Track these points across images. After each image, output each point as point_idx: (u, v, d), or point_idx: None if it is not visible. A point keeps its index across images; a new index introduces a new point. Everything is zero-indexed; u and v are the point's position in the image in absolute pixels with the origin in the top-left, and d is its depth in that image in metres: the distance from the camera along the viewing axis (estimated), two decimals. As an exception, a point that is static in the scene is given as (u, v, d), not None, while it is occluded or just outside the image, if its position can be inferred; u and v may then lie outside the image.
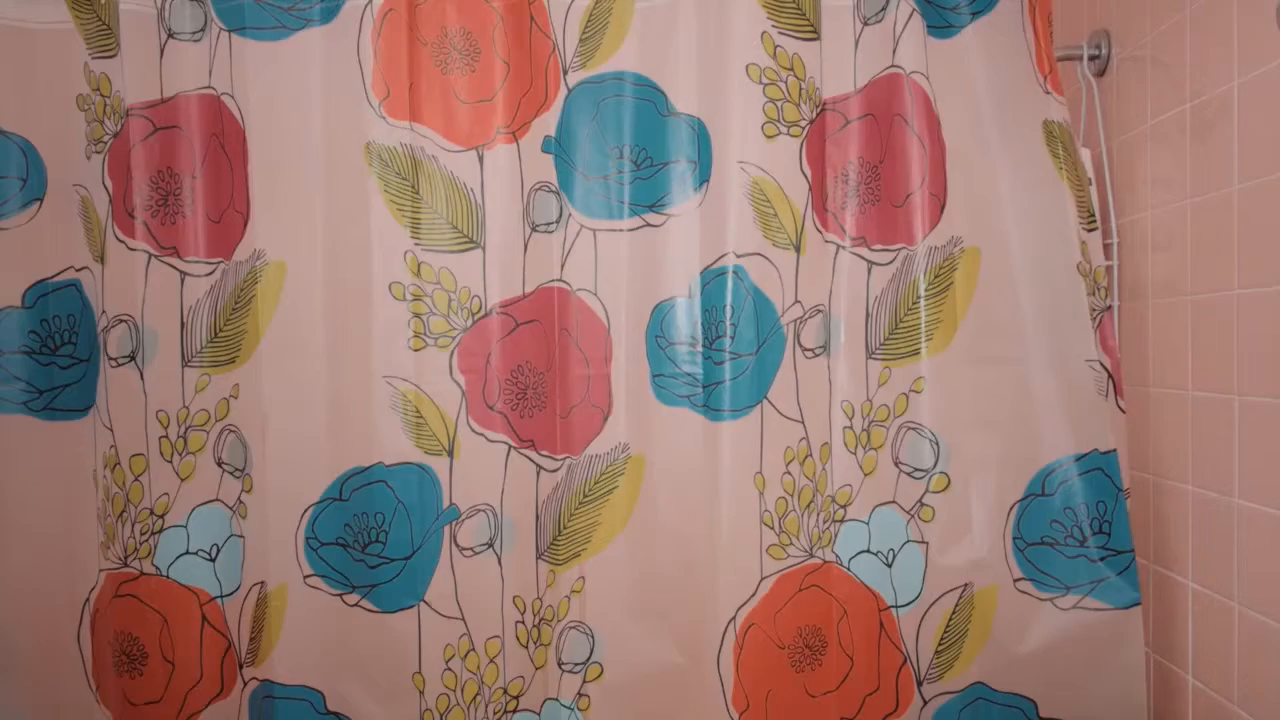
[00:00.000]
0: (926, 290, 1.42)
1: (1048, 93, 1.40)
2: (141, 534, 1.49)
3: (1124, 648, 1.38)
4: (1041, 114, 1.40)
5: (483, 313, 1.46)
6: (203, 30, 1.46)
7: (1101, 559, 1.39)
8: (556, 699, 1.49)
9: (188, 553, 1.50)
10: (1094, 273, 1.39)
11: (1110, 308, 1.42)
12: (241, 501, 1.49)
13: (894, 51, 1.42)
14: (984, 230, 1.42)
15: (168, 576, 1.49)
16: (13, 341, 1.50)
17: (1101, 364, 1.39)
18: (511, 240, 1.46)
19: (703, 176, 1.43)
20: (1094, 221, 1.41)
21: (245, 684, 1.50)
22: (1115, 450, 1.39)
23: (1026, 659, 1.42)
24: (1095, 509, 1.39)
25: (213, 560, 1.50)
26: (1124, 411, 1.41)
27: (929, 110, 1.41)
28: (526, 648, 1.49)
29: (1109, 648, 1.39)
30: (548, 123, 1.46)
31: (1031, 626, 1.42)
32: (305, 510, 1.45)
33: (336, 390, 1.45)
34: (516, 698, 1.48)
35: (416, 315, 1.44)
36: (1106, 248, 1.47)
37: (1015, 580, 1.43)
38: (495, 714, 1.48)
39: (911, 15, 1.41)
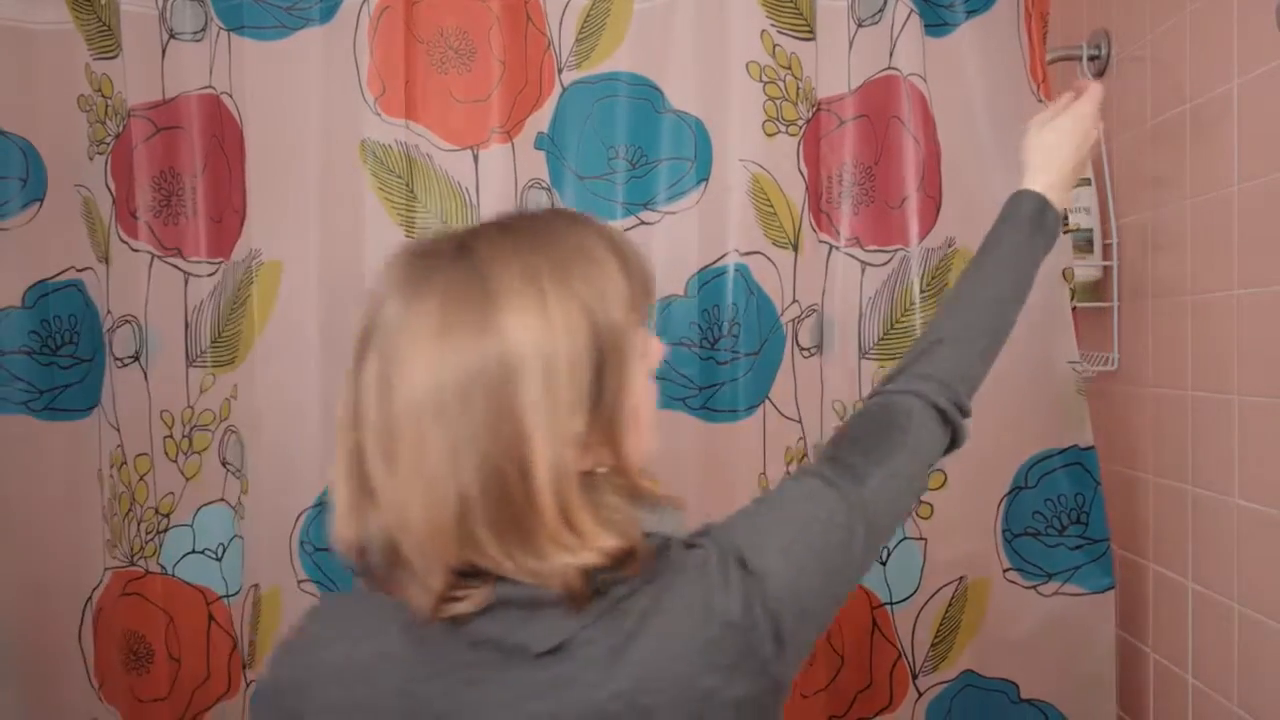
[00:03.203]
0: (923, 291, 1.42)
1: (1040, 100, 1.38)
2: (147, 533, 1.49)
3: (1097, 630, 1.42)
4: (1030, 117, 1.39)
5: (478, 313, 1.45)
6: (203, 30, 1.47)
7: (1078, 547, 1.43)
8: None
9: (194, 552, 1.51)
10: (1067, 274, 1.42)
11: (1075, 309, 1.44)
12: (241, 503, 1.49)
13: (891, 53, 1.41)
14: (977, 232, 1.41)
15: (174, 575, 1.50)
16: (13, 341, 1.50)
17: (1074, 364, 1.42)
18: None
19: (701, 174, 1.42)
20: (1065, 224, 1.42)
21: (248, 684, 1.51)
22: (1094, 446, 1.42)
23: (1012, 645, 1.45)
24: (1074, 500, 1.43)
25: (219, 560, 1.51)
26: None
27: (925, 111, 1.41)
28: None
29: (1084, 630, 1.43)
30: (541, 121, 1.45)
31: (1018, 614, 1.45)
32: (300, 514, 1.45)
33: (331, 392, 1.45)
34: None
35: (411, 315, 1.44)
36: (1106, 248, 1.46)
37: (1004, 571, 1.45)
38: None
39: (909, 16, 1.40)
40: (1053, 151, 1.07)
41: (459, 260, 0.68)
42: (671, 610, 0.68)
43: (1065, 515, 1.43)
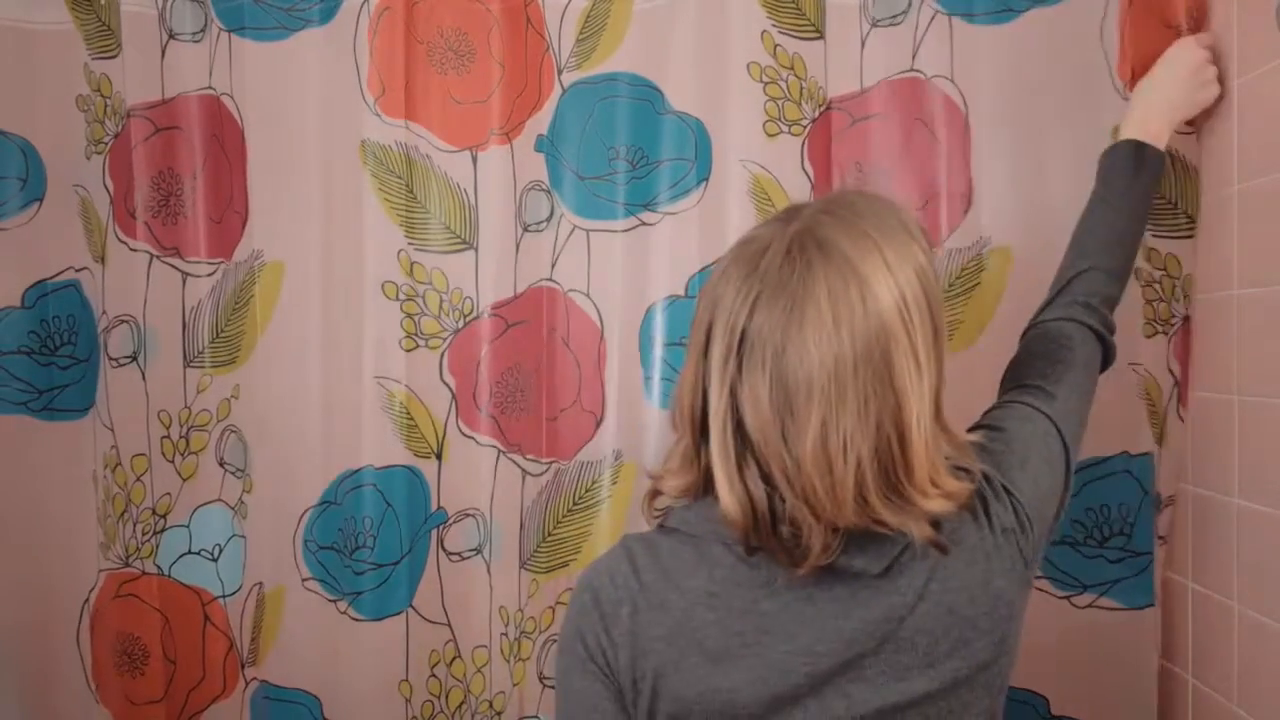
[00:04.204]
0: (948, 290, 1.37)
1: (1126, 98, 1.30)
2: (143, 534, 1.49)
3: (1136, 648, 1.35)
4: (1113, 118, 1.30)
5: (474, 314, 1.45)
6: (203, 31, 1.47)
7: (1119, 560, 1.35)
8: (537, 717, 1.47)
9: (190, 553, 1.50)
10: (1167, 279, 1.32)
11: (1188, 318, 1.32)
12: (243, 502, 1.49)
13: (914, 54, 1.38)
14: (1018, 232, 1.37)
15: (170, 576, 1.50)
16: (12, 341, 1.50)
17: (1169, 370, 1.33)
18: (504, 242, 1.45)
19: (701, 175, 1.42)
20: (1185, 229, 1.30)
21: (247, 684, 1.50)
22: (1149, 454, 1.33)
23: (1040, 656, 1.37)
24: (1118, 510, 1.34)
25: (215, 560, 1.51)
26: (1182, 420, 1.33)
27: (953, 111, 1.37)
28: (509, 662, 1.47)
29: (1122, 648, 1.35)
30: (541, 122, 1.45)
31: (1047, 624, 1.36)
32: (303, 513, 1.45)
33: (332, 391, 1.45)
34: (500, 713, 1.47)
35: (409, 315, 1.44)
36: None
37: (1034, 579, 1.39)
38: None
39: (935, 17, 1.36)
40: (1142, 94, 1.20)
41: (823, 253, 0.77)
42: (968, 522, 0.83)
43: (1108, 526, 1.35)
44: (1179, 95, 1.18)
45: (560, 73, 1.45)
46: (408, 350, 1.44)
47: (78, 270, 1.53)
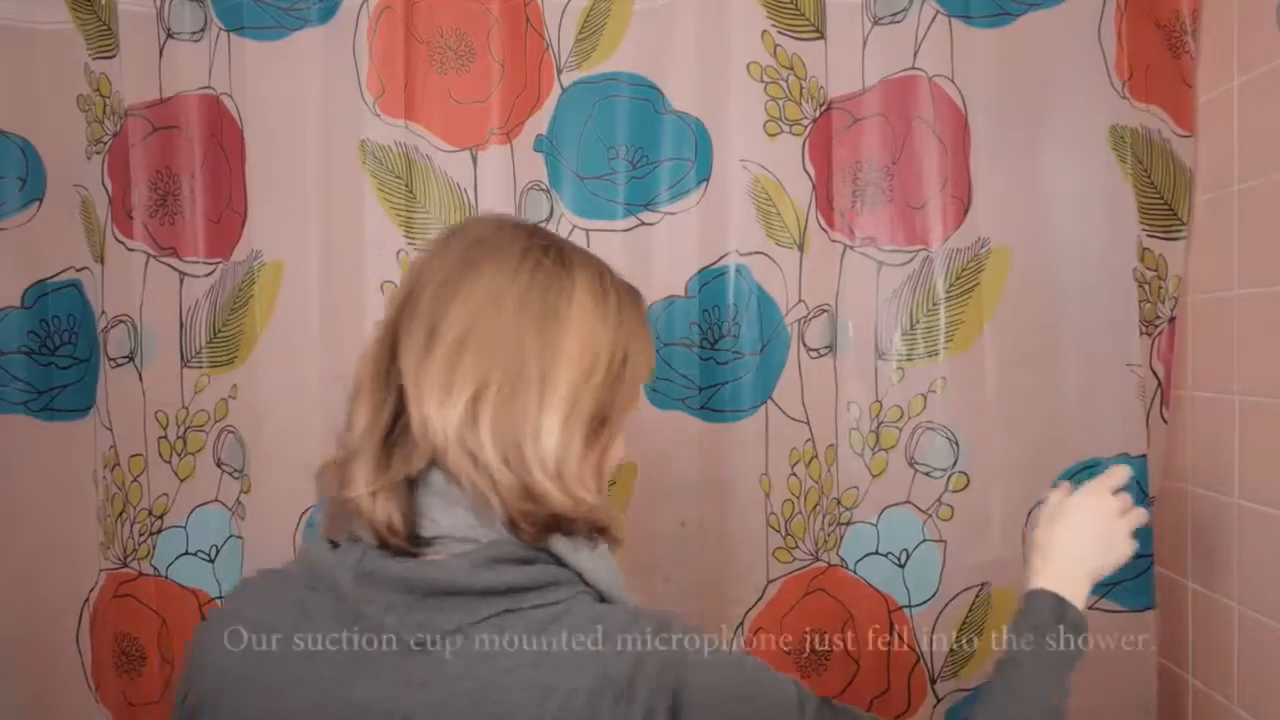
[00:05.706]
0: (948, 291, 1.39)
1: (1124, 97, 1.33)
2: (140, 534, 1.49)
3: (1136, 651, 1.35)
4: (1110, 118, 1.34)
5: (472, 316, 1.45)
6: (202, 30, 1.47)
7: None
8: None
9: (187, 553, 1.50)
10: (1156, 281, 1.34)
11: (1173, 319, 1.35)
12: (240, 503, 1.49)
13: (915, 53, 1.39)
14: (1017, 232, 1.38)
15: (166, 577, 1.49)
16: (12, 341, 1.50)
17: (1152, 371, 1.35)
18: None
19: (701, 175, 1.42)
20: (1176, 231, 1.34)
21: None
22: (1145, 455, 1.34)
23: None
24: None
25: (212, 561, 1.50)
26: (1165, 422, 1.36)
27: (954, 112, 1.38)
28: None
29: (1121, 651, 1.35)
30: (540, 123, 1.45)
31: None
32: (303, 514, 1.45)
33: (331, 392, 1.44)
34: None
35: (407, 316, 1.43)
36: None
37: None
38: None
39: (935, 17, 1.37)
40: (1051, 553, 0.97)
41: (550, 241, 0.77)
42: (550, 649, 0.65)
43: None
44: (1092, 560, 0.97)
45: (560, 72, 1.45)
46: (407, 351, 1.43)
47: (78, 270, 1.53)
